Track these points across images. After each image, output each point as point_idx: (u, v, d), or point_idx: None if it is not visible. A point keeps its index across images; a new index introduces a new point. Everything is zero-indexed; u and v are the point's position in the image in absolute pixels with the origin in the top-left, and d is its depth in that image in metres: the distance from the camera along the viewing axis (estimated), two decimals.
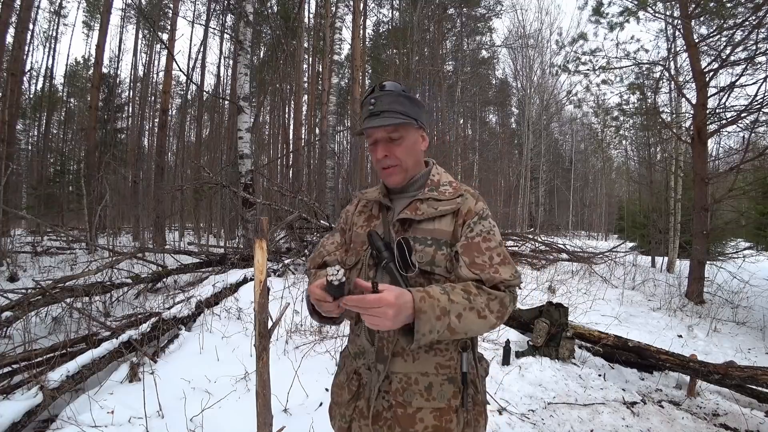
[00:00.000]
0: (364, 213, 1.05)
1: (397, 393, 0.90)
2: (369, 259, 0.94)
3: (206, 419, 2.12)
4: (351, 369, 1.00)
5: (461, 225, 0.92)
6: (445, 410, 0.89)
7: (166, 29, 15.18)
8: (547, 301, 3.79)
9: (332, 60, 9.88)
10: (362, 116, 0.96)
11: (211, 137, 15.46)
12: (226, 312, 3.48)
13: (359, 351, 0.98)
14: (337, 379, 1.07)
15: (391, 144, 0.94)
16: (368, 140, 0.97)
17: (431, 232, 0.91)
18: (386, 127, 0.92)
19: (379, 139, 0.94)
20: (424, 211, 0.93)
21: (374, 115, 0.91)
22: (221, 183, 6.19)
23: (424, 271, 0.88)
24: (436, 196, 0.95)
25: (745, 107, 5.73)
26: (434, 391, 0.89)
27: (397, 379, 0.90)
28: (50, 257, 7.39)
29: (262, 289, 1.25)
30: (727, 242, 9.75)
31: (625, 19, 7.18)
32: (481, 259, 0.86)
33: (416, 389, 0.89)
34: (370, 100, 0.93)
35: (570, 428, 2.49)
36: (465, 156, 16.29)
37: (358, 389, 0.97)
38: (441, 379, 0.90)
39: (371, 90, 0.95)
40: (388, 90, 0.93)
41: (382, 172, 0.97)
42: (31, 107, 18.52)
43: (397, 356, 0.90)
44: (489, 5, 16.79)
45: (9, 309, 3.18)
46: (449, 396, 0.89)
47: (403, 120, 0.91)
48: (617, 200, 22.60)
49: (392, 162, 0.95)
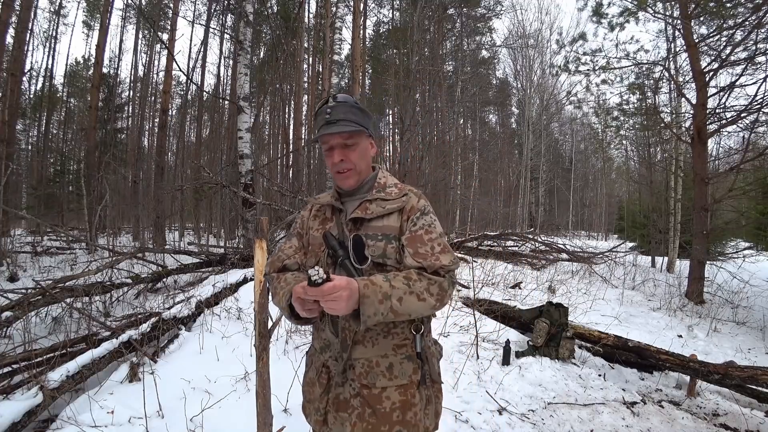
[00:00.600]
0: (319, 217, 1.13)
1: (361, 376, 0.98)
2: (327, 258, 1.02)
3: (206, 419, 2.12)
4: (319, 363, 1.07)
5: (406, 220, 1.01)
6: (408, 386, 0.99)
7: (166, 29, 15.18)
8: (547, 301, 3.79)
9: (332, 60, 9.90)
10: (317, 125, 1.03)
11: (211, 137, 15.46)
12: (226, 312, 3.48)
13: (325, 345, 1.05)
14: (306, 377, 1.13)
15: (347, 149, 1.02)
16: (324, 146, 1.05)
17: (381, 228, 1.00)
18: (342, 134, 1.00)
19: (335, 145, 1.02)
20: (373, 210, 1.02)
21: (330, 123, 0.98)
22: (221, 183, 6.19)
23: (377, 263, 0.97)
24: (383, 197, 1.04)
25: (745, 107, 5.73)
26: (395, 369, 0.98)
27: (360, 364, 0.99)
28: (50, 257, 7.39)
29: (262, 289, 1.25)
30: (727, 242, 9.74)
31: (625, 19, 7.18)
32: (423, 249, 0.96)
33: (378, 371, 0.98)
34: (326, 109, 1.00)
35: (570, 428, 2.49)
36: (465, 156, 16.30)
37: (328, 381, 1.04)
38: (400, 358, 0.99)
39: (326, 101, 1.03)
40: (342, 101, 1.01)
41: (338, 176, 1.05)
42: (31, 107, 18.51)
43: (357, 344, 0.99)
44: (489, 5, 16.81)
45: (9, 309, 3.18)
46: (410, 373, 0.99)
47: (357, 128, 1.00)
48: (617, 200, 22.63)
49: (348, 166, 1.03)
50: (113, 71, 18.53)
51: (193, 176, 12.60)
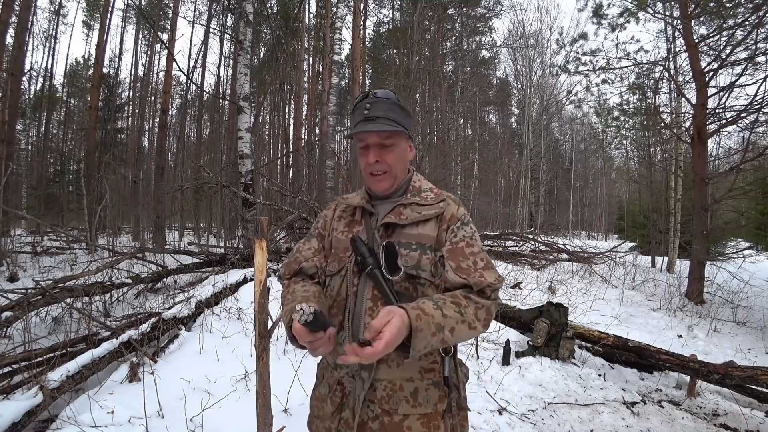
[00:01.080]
0: (344, 218, 1.03)
1: (383, 401, 0.88)
2: (353, 266, 0.92)
3: (206, 419, 2.12)
4: (333, 380, 0.97)
5: (445, 230, 0.92)
6: (432, 416, 0.88)
7: (166, 29, 15.18)
8: (547, 301, 3.79)
9: (332, 60, 9.89)
10: (354, 120, 0.96)
11: (211, 137, 15.45)
12: (226, 312, 3.48)
13: None
14: (317, 392, 1.03)
15: (383, 150, 0.94)
16: (359, 144, 0.97)
17: (416, 236, 0.92)
18: (381, 133, 0.92)
19: (372, 144, 0.94)
20: (408, 215, 0.93)
21: (369, 120, 0.91)
22: (221, 183, 6.19)
23: (409, 275, 0.89)
24: (419, 201, 0.95)
25: (745, 107, 5.73)
26: (420, 396, 0.88)
27: (382, 387, 0.89)
28: (50, 257, 7.38)
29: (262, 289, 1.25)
30: (727, 242, 9.74)
31: (626, 20, 7.19)
32: (466, 264, 0.87)
33: (402, 396, 0.88)
34: (365, 104, 0.93)
35: (570, 428, 2.49)
36: (465, 156, 16.29)
37: (342, 400, 0.94)
38: (426, 383, 0.89)
39: (365, 95, 0.96)
40: (383, 97, 0.94)
41: (371, 178, 0.97)
42: (31, 107, 18.51)
43: (381, 363, 0.88)
44: (489, 5, 16.79)
45: (9, 309, 3.18)
46: (435, 401, 0.89)
47: (397, 128, 0.92)
48: (617, 200, 22.64)
49: (383, 168, 0.95)
50: (113, 71, 18.52)
51: (193, 176, 12.59)
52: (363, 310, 0.91)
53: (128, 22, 18.52)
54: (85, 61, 21.06)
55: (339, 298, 0.95)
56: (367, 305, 0.90)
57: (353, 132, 0.94)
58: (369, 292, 0.90)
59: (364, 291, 0.91)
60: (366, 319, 0.89)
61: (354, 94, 11.93)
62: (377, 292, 0.88)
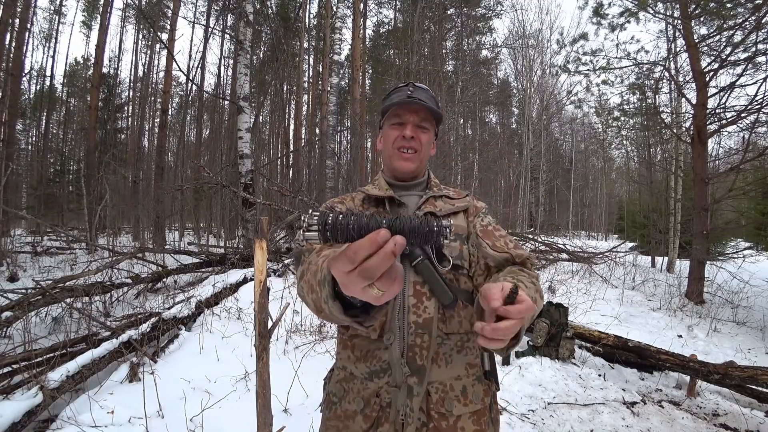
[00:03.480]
0: (369, 210, 0.95)
1: (438, 404, 0.82)
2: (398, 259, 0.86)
3: (206, 419, 2.12)
4: (369, 392, 0.84)
5: (472, 221, 0.94)
6: (481, 411, 0.86)
7: (166, 29, 15.17)
8: (547, 301, 3.79)
9: (332, 60, 9.91)
10: (395, 98, 0.94)
11: (211, 137, 15.47)
12: (226, 312, 3.48)
13: (380, 368, 0.84)
14: (338, 410, 0.87)
15: (419, 130, 0.94)
16: (392, 120, 0.95)
17: (453, 227, 0.87)
18: (422, 112, 0.92)
19: (408, 121, 0.93)
20: (441, 207, 0.93)
21: (412, 99, 0.91)
22: (221, 183, 6.19)
23: (455, 265, 0.86)
24: (448, 194, 0.97)
25: (745, 107, 5.73)
26: (469, 393, 0.85)
27: (434, 389, 0.83)
28: (50, 257, 7.38)
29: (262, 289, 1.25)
30: (727, 242, 9.74)
31: (626, 20, 7.19)
32: (500, 243, 0.86)
33: (453, 396, 0.83)
34: (408, 88, 0.94)
35: (570, 428, 2.49)
36: (465, 156, 16.29)
37: (378, 413, 0.82)
38: (472, 379, 0.86)
39: (406, 83, 0.97)
40: (423, 88, 0.96)
41: (398, 155, 0.93)
42: (31, 107, 18.51)
43: (432, 363, 0.83)
44: (489, 5, 16.80)
45: (9, 309, 3.18)
46: (482, 395, 0.86)
47: (437, 111, 0.93)
48: (617, 200, 22.61)
49: (415, 146, 0.93)
50: (113, 71, 18.54)
51: (193, 176, 12.61)
52: (407, 307, 0.84)
53: (128, 22, 18.56)
54: (84, 61, 21.07)
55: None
56: (410, 302, 0.84)
57: (395, 102, 0.92)
58: (410, 288, 0.85)
59: (405, 287, 0.85)
60: (411, 318, 0.83)
61: (354, 94, 11.94)
62: (419, 287, 0.84)
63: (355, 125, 14.52)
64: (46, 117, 18.26)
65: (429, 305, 0.83)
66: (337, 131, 16.06)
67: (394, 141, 0.94)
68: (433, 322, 0.83)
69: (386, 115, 0.96)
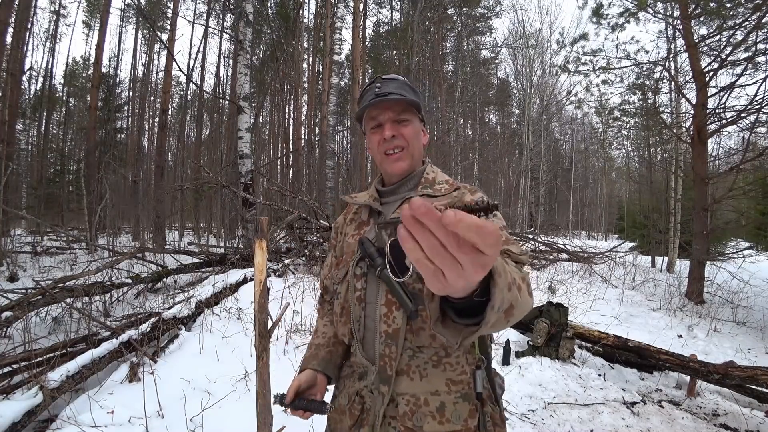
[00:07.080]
0: (355, 221, 0.96)
1: (405, 417, 0.79)
2: (356, 268, 0.85)
3: (206, 419, 2.13)
4: (353, 391, 0.88)
5: None
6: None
7: (166, 29, 15.18)
8: (547, 301, 3.79)
9: (332, 60, 9.90)
10: (365, 101, 0.88)
11: (211, 137, 15.47)
12: (226, 312, 3.48)
13: (363, 371, 0.86)
14: (335, 403, 0.93)
15: (399, 125, 0.87)
16: (370, 125, 0.90)
17: None
18: (395, 106, 0.86)
19: (384, 120, 0.87)
20: None
21: (381, 96, 0.85)
22: (221, 183, 6.19)
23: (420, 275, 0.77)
24: (430, 193, 0.87)
25: (745, 107, 5.73)
26: (447, 411, 0.79)
27: (404, 402, 0.80)
28: (50, 257, 7.38)
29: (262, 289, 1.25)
30: (727, 242, 9.74)
31: (626, 20, 7.19)
32: None
33: (427, 411, 0.78)
34: (375, 85, 0.88)
35: (570, 428, 2.49)
36: (465, 156, 16.29)
37: (360, 414, 0.85)
38: (454, 397, 0.80)
39: (374, 79, 0.91)
40: (391, 78, 0.90)
41: (387, 159, 0.88)
42: (31, 107, 18.50)
43: (401, 375, 0.80)
44: (489, 5, 16.80)
45: (9, 309, 3.18)
46: (465, 416, 0.79)
47: (412, 100, 0.87)
48: (617, 200, 22.62)
49: (400, 144, 0.87)
50: (113, 71, 18.54)
51: (193, 176, 12.60)
52: (378, 317, 0.82)
53: (128, 21, 18.56)
54: (84, 61, 21.05)
55: (347, 305, 0.88)
56: (381, 311, 0.82)
57: (364, 106, 0.87)
58: (383, 297, 0.82)
59: (377, 296, 0.83)
60: (381, 327, 0.81)
61: (354, 94, 11.93)
62: (390, 296, 0.81)
63: (355, 125, 14.52)
64: (46, 117, 18.24)
65: (398, 315, 0.80)
66: (337, 131, 16.06)
67: (378, 146, 0.89)
68: (400, 333, 0.80)
69: (363, 119, 0.92)
